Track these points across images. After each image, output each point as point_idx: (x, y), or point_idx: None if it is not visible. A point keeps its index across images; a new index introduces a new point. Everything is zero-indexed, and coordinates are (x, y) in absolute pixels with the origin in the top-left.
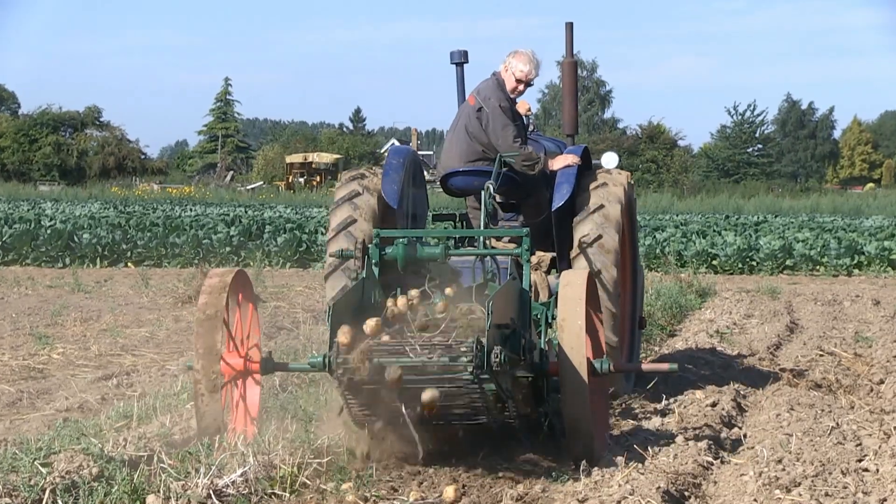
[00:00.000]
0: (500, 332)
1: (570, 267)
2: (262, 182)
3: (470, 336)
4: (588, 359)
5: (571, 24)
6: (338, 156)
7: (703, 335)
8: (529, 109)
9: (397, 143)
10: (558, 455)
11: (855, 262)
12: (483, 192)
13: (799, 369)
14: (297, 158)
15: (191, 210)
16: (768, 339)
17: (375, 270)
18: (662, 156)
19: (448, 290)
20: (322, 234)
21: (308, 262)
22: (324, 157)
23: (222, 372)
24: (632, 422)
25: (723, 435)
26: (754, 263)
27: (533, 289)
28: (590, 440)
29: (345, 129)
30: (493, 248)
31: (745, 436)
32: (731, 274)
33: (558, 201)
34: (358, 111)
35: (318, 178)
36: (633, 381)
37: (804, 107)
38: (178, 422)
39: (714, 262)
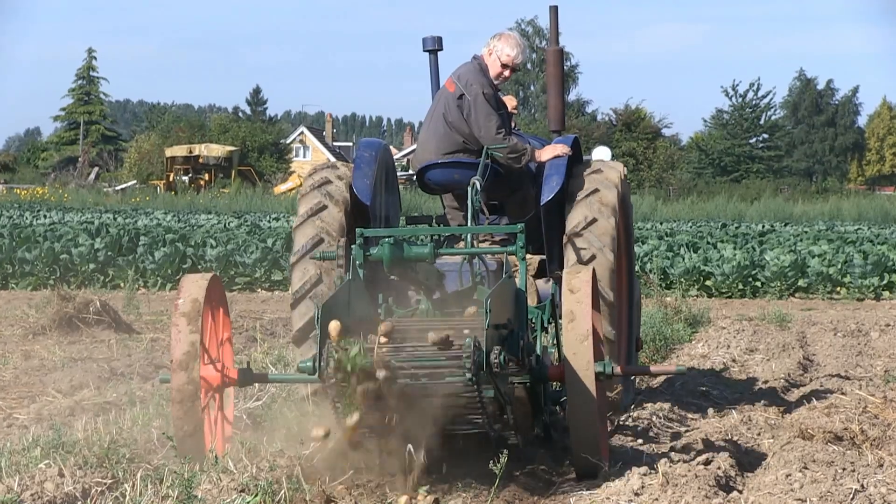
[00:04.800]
0: (498, 332)
1: (561, 268)
2: (135, 181)
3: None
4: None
5: (556, 7)
6: (232, 148)
7: (694, 374)
8: (517, 107)
9: (306, 131)
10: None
11: (885, 282)
12: (469, 189)
13: (814, 417)
14: (179, 151)
15: (45, 217)
16: (776, 380)
17: (360, 272)
18: (643, 148)
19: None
20: (212, 246)
21: None
22: (214, 150)
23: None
24: (602, 483)
25: (718, 501)
26: (758, 284)
27: None
28: (596, 449)
29: (241, 113)
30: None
31: (746, 501)
32: (730, 297)
33: (547, 194)
34: (257, 91)
35: (206, 177)
36: (633, 397)
37: (821, 86)
38: (28, 485)
39: (708, 283)
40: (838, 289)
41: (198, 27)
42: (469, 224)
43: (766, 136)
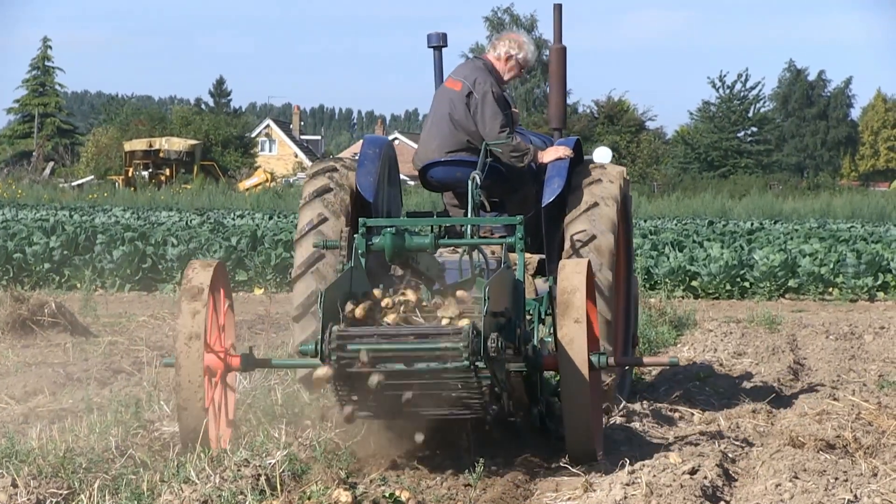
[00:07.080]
0: (495, 319)
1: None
2: (92, 177)
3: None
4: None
5: (560, 5)
6: (194, 141)
7: (679, 378)
8: (517, 111)
9: (273, 124)
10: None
11: (879, 282)
12: (469, 182)
13: (805, 424)
14: (139, 145)
15: None
16: (765, 385)
17: (362, 261)
18: (626, 142)
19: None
20: (174, 245)
21: (154, 284)
22: (175, 144)
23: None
24: (583, 494)
25: None
26: (747, 285)
27: None
28: (589, 437)
29: (203, 105)
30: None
31: None
32: (717, 298)
33: (549, 196)
34: (220, 83)
35: (167, 172)
36: (627, 391)
37: (812, 77)
38: None
39: (694, 284)
40: (830, 289)
41: (158, 14)
42: (469, 217)
43: (754, 129)
